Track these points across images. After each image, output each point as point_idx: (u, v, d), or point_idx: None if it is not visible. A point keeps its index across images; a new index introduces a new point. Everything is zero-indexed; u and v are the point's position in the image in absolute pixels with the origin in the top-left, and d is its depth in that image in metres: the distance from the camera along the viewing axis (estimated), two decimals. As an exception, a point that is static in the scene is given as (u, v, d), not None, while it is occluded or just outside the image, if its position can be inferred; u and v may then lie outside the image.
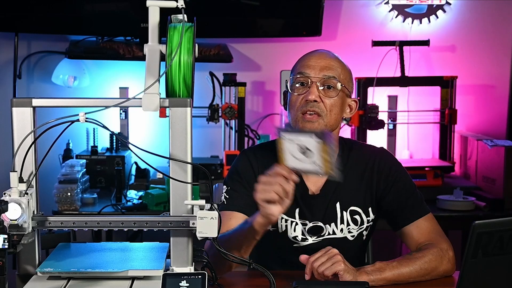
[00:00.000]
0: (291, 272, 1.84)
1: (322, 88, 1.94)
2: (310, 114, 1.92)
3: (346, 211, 2.01)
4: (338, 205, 2.01)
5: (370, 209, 2.03)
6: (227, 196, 1.99)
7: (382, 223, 2.08)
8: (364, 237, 2.05)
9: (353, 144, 2.09)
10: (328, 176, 1.69)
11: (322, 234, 2.00)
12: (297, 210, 2.00)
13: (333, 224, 2.00)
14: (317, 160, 1.65)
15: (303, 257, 1.78)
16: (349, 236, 2.02)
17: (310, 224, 2.00)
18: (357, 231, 2.02)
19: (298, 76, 1.96)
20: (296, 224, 2.00)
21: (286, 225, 2.01)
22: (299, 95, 1.95)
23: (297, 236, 2.01)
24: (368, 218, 2.03)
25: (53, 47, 3.62)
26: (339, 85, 1.94)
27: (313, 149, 1.64)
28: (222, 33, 3.60)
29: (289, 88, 1.99)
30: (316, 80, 1.94)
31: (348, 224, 2.01)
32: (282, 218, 2.01)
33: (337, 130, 2.02)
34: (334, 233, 2.00)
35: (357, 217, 2.01)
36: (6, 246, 1.43)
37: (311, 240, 2.00)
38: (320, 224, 2.00)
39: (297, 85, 1.96)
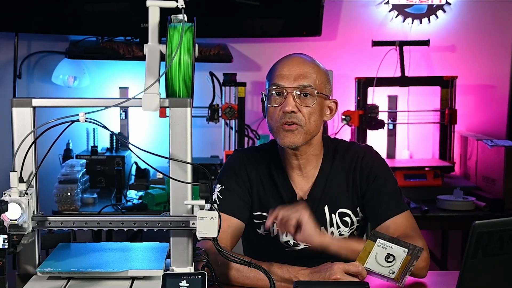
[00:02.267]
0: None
1: (298, 94, 1.91)
2: (288, 124, 1.91)
3: (335, 214, 2.00)
4: (326, 208, 2.00)
5: (358, 209, 2.02)
6: (220, 196, 1.97)
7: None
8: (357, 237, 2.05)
9: (338, 145, 2.06)
10: (392, 282, 1.75)
11: None
12: None
13: (322, 228, 1.98)
14: (394, 268, 1.73)
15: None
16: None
17: None
18: (348, 232, 2.01)
19: (273, 87, 1.93)
20: None
21: (278, 230, 2.00)
22: (276, 106, 1.93)
23: (289, 241, 2.00)
24: (358, 218, 2.02)
25: (53, 47, 3.62)
26: (315, 92, 1.92)
27: (397, 258, 1.73)
28: (222, 33, 3.60)
29: (264, 99, 1.96)
30: (291, 91, 1.91)
31: (338, 227, 2.00)
32: (274, 222, 1.98)
33: (319, 133, 2.00)
34: None
35: (346, 218, 2.00)
36: (6, 246, 1.43)
37: (302, 245, 1.99)
38: None
39: (273, 95, 1.94)
